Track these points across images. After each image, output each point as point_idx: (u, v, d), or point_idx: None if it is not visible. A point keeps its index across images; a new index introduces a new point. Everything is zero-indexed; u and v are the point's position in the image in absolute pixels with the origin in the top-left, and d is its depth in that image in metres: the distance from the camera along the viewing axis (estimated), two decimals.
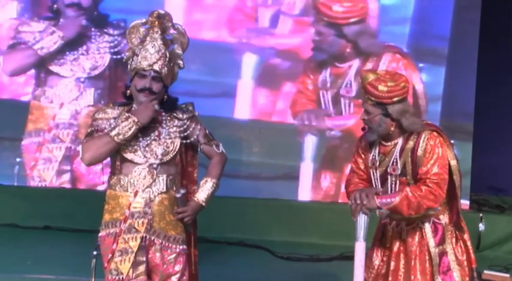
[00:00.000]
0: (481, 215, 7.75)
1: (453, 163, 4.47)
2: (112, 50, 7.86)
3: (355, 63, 7.97)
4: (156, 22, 4.59)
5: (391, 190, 4.50)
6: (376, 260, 4.63)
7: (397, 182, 4.49)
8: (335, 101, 7.96)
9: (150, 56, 4.52)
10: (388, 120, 4.41)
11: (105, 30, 7.86)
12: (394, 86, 4.36)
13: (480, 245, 7.64)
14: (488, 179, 8.50)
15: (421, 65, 8.02)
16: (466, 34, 7.89)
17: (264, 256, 7.30)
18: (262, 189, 7.92)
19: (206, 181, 4.72)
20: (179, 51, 4.66)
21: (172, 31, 4.67)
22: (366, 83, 4.37)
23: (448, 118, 7.92)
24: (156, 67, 4.52)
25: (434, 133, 4.45)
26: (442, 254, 4.53)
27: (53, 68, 7.83)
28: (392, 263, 4.55)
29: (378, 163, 4.51)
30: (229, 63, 7.99)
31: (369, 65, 7.85)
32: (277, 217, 7.73)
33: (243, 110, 7.98)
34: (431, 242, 4.52)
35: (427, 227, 4.52)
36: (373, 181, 4.56)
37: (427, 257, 4.52)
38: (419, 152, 4.41)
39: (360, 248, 4.36)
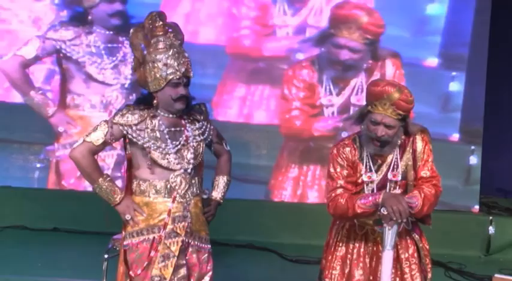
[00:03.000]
0: (490, 218, 7.74)
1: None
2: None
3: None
4: (162, 25, 4.49)
5: None
6: (360, 270, 4.61)
7: (397, 187, 4.51)
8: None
9: (178, 63, 4.42)
10: (401, 128, 4.45)
11: None
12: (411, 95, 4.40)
13: (490, 249, 7.63)
14: (497, 182, 8.49)
15: (453, 73, 7.93)
16: (479, 38, 7.83)
17: (272, 259, 7.29)
18: (271, 191, 7.92)
19: (219, 178, 4.80)
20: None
21: (170, 29, 4.56)
22: (396, 100, 4.32)
23: (468, 124, 7.88)
24: (187, 73, 4.46)
25: (423, 132, 4.53)
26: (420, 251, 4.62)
27: (97, 76, 7.82)
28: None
29: (375, 176, 4.50)
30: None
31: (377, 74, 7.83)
32: (286, 219, 7.72)
33: (254, 114, 7.98)
34: (418, 241, 4.59)
35: (412, 229, 4.58)
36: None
37: (416, 257, 4.58)
38: (418, 152, 4.47)
39: (389, 257, 4.36)
